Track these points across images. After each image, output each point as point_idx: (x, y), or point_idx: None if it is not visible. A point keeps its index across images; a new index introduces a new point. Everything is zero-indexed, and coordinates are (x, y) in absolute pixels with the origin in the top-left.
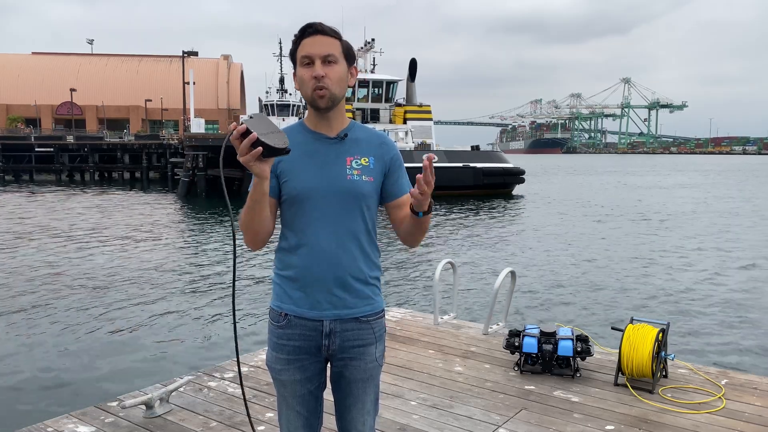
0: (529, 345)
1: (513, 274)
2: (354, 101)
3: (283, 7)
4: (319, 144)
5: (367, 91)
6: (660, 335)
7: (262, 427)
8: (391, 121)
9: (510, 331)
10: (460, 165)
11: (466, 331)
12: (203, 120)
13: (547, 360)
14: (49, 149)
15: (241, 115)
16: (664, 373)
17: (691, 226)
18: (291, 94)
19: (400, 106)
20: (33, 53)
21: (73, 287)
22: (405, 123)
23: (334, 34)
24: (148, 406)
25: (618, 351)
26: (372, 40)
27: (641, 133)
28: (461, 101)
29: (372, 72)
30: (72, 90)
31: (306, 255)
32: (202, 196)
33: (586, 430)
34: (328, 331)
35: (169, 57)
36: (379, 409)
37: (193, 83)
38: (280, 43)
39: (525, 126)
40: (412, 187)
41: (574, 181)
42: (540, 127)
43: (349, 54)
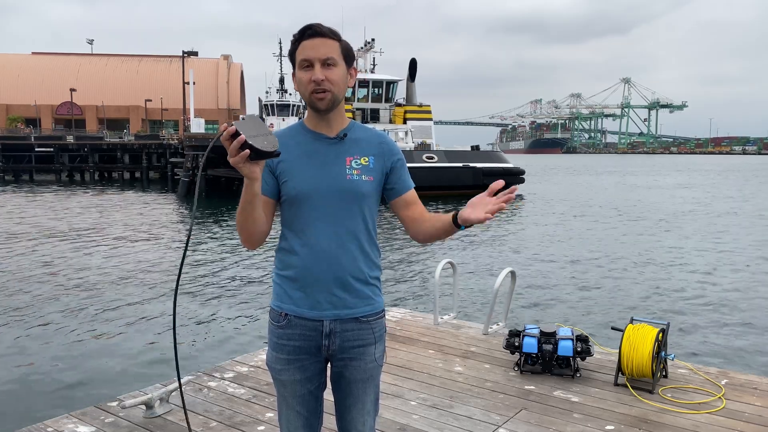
0: (529, 345)
1: (513, 274)
2: (354, 101)
3: (283, 7)
4: (319, 144)
5: (367, 91)
6: (660, 335)
7: (262, 427)
8: (391, 121)
9: (510, 331)
10: (460, 165)
11: (466, 331)
12: (203, 120)
13: (547, 360)
14: (49, 149)
15: (240, 115)
16: (664, 373)
17: (691, 226)
18: (291, 94)
19: (400, 106)
20: (33, 53)
21: (73, 287)
22: (405, 123)
23: (333, 35)
24: (148, 406)
25: (618, 351)
26: (372, 40)
27: (641, 133)
28: (461, 101)
29: (372, 72)
30: (72, 90)
31: (306, 255)
32: (202, 196)
33: (586, 430)
34: (328, 331)
35: (169, 57)
36: (379, 409)
37: (193, 83)
38: (280, 43)
39: (525, 126)
40: (414, 185)
41: (574, 181)
42: (540, 127)
43: (348, 55)
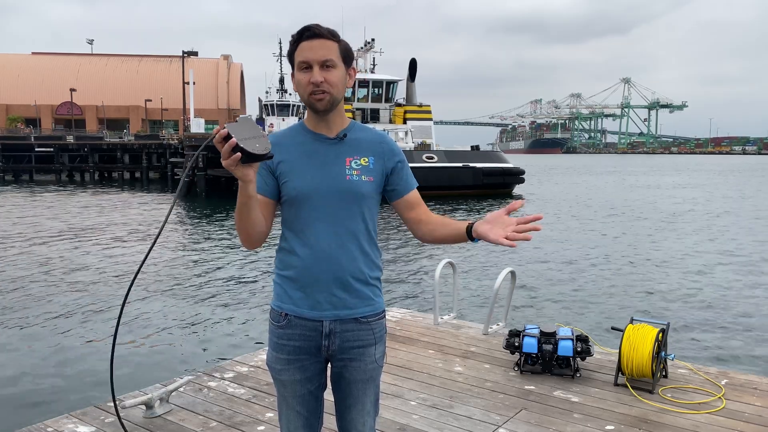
0: (529, 345)
1: (513, 274)
2: (354, 101)
3: (283, 7)
4: (319, 144)
5: (367, 91)
6: (660, 335)
7: (262, 427)
8: (391, 121)
9: (510, 331)
10: (460, 165)
11: (466, 331)
12: (203, 120)
13: (547, 360)
14: (49, 149)
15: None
16: (664, 373)
17: (691, 226)
18: (291, 94)
19: (400, 106)
20: (33, 53)
21: (72, 287)
22: (405, 123)
23: (331, 36)
24: (148, 406)
25: (618, 351)
26: (372, 40)
27: (641, 133)
28: (461, 101)
29: (372, 72)
30: (72, 90)
31: (306, 255)
32: (201, 196)
33: (586, 430)
34: (327, 332)
35: (169, 57)
36: (379, 409)
37: (193, 83)
38: (280, 44)
39: (525, 126)
40: (417, 184)
41: (574, 181)
42: (540, 127)
43: (347, 55)
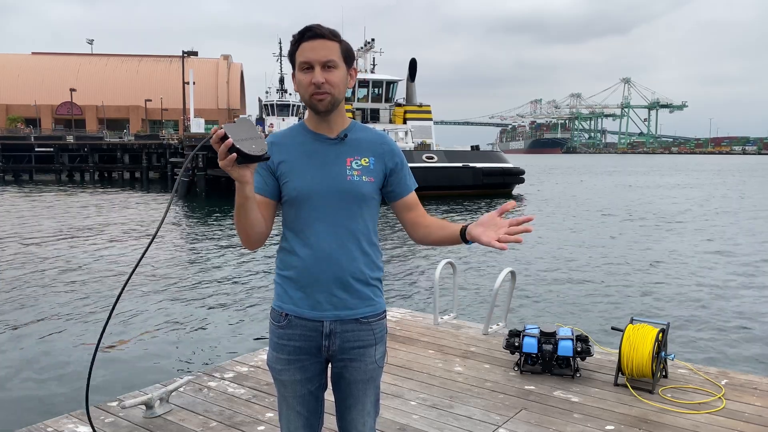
0: (529, 345)
1: (513, 274)
2: (354, 101)
3: (283, 7)
4: (319, 144)
5: (367, 91)
6: (660, 335)
7: (262, 427)
8: (391, 121)
9: (510, 331)
10: (460, 165)
11: (466, 331)
12: (203, 120)
13: (547, 360)
14: (49, 149)
15: (235, 117)
16: (664, 373)
17: (691, 225)
18: (291, 94)
19: (400, 106)
20: (33, 53)
21: (70, 287)
22: (405, 123)
23: (333, 36)
24: (148, 406)
25: (618, 351)
26: (372, 40)
27: (641, 133)
28: (461, 101)
29: (372, 72)
30: (72, 90)
31: (306, 255)
32: (201, 196)
33: (586, 430)
34: (328, 332)
35: (169, 57)
36: (379, 409)
37: (193, 83)
38: (280, 43)
39: (525, 126)
40: (416, 186)
41: (574, 181)
42: (540, 127)
43: (348, 56)
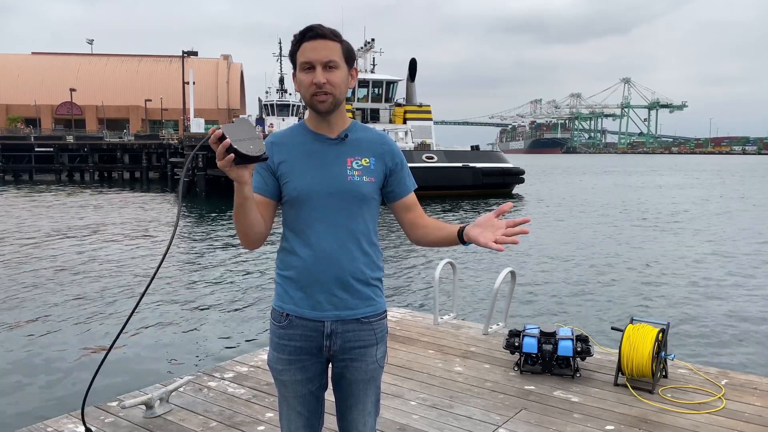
0: (529, 345)
1: (513, 274)
2: (354, 101)
3: (283, 7)
4: (319, 145)
5: (367, 91)
6: (660, 335)
7: (262, 427)
8: (391, 121)
9: (510, 331)
10: (460, 165)
11: (466, 331)
12: (203, 120)
13: (547, 360)
14: (48, 149)
15: (234, 118)
16: (664, 373)
17: (691, 225)
18: (291, 94)
19: (400, 106)
20: (33, 53)
21: (71, 287)
22: (405, 123)
23: (334, 37)
24: (148, 406)
25: (618, 351)
26: (372, 40)
27: (641, 133)
28: (461, 101)
29: (372, 72)
30: (72, 90)
31: (307, 256)
32: (201, 196)
33: (586, 430)
34: (329, 332)
35: (169, 57)
36: (380, 409)
37: (193, 83)
38: (280, 43)
39: (525, 126)
40: (416, 186)
41: (574, 180)
42: (540, 127)
43: (349, 56)
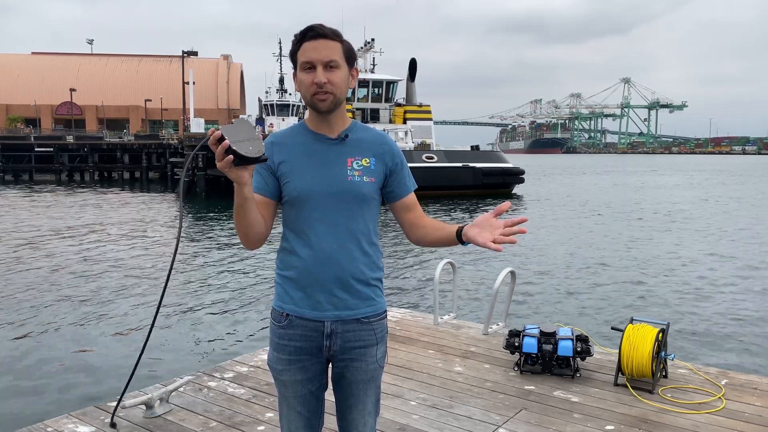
0: (529, 345)
1: (513, 273)
2: (354, 101)
3: (283, 7)
4: (320, 145)
5: (367, 91)
6: (660, 335)
7: (262, 427)
8: (391, 121)
9: (510, 331)
10: (460, 165)
11: (466, 331)
12: (203, 120)
13: (547, 360)
14: (48, 149)
15: (241, 116)
16: (664, 373)
17: (691, 225)
18: (291, 94)
19: (400, 106)
20: (33, 53)
21: (71, 287)
22: (405, 123)
23: (335, 36)
24: (148, 406)
25: (618, 351)
26: (372, 40)
27: (641, 133)
28: (461, 101)
29: (372, 72)
30: (72, 90)
31: (307, 256)
32: (201, 196)
33: (586, 430)
34: (329, 332)
35: (169, 57)
36: (380, 409)
37: (193, 83)
38: (280, 43)
39: (525, 126)
40: (416, 186)
41: (574, 180)
42: (540, 127)
43: (350, 56)
